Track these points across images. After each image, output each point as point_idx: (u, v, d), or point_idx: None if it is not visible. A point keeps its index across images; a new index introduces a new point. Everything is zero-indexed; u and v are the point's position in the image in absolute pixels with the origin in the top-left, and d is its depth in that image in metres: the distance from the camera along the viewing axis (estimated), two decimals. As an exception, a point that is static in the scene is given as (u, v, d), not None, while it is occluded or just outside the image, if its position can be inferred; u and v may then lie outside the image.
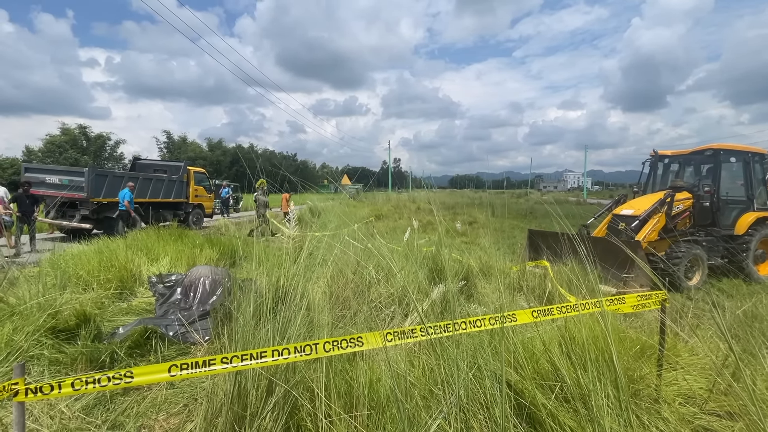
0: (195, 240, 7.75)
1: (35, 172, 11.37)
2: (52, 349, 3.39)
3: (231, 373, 2.03)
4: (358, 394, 1.78)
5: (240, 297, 4.08)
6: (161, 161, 17.88)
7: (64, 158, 41.45)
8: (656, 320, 3.44)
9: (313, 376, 2.01)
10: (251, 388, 1.95)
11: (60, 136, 45.47)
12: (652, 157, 8.22)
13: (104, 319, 4.28)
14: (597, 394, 1.86)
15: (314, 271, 4.07)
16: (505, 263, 5.65)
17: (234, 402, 1.93)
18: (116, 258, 6.05)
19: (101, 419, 2.67)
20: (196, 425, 2.36)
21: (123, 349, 3.49)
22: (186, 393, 3.04)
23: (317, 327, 2.80)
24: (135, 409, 2.86)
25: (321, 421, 1.76)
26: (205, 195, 15.61)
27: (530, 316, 2.05)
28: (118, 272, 5.70)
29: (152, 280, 5.53)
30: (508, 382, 1.89)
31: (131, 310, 4.93)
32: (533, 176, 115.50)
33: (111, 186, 11.21)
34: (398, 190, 39.22)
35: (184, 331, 3.96)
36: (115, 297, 5.24)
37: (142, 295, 5.46)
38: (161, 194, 12.99)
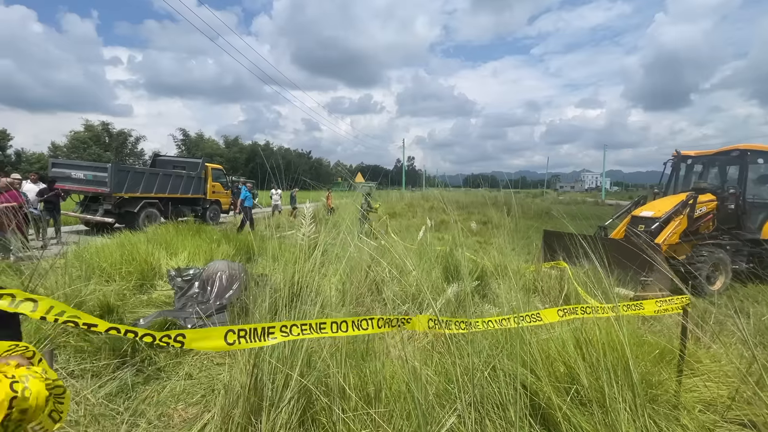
0: (212, 235, 7.91)
1: (61, 168, 11.77)
2: (77, 338, 3.52)
3: (248, 366, 2.07)
4: (374, 390, 1.80)
5: (256, 292, 4.16)
6: (180, 158, 18.29)
7: (87, 154, 42.78)
8: (676, 325, 3.35)
9: (329, 372, 2.04)
10: (267, 381, 1.99)
11: (84, 133, 46.95)
12: (674, 158, 7.99)
13: (126, 311, 4.42)
14: (613, 398, 1.83)
15: (328, 268, 4.11)
16: (520, 264, 5.59)
17: (250, 394, 1.98)
18: (137, 251, 6.22)
19: (123, 407, 2.77)
20: (213, 415, 2.42)
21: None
22: (204, 384, 3.12)
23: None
24: (155, 398, 2.95)
25: (336, 415, 1.79)
26: (222, 191, 15.88)
27: (556, 315, 2.04)
28: (139, 265, 5.86)
29: (171, 273, 5.67)
30: (522, 382, 1.88)
31: (151, 302, 5.07)
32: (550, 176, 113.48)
33: (132, 181, 11.52)
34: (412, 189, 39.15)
35: (202, 324, 4.06)
36: (136, 289, 5.40)
37: (161, 288, 5.61)
38: (180, 190, 13.28)
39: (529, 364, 2.08)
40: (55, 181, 9.84)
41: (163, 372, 3.28)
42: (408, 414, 1.74)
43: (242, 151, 64.03)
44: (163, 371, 3.28)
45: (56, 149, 44.79)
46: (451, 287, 3.99)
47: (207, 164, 15.00)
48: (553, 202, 31.60)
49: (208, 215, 14.75)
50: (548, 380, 1.99)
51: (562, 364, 2.36)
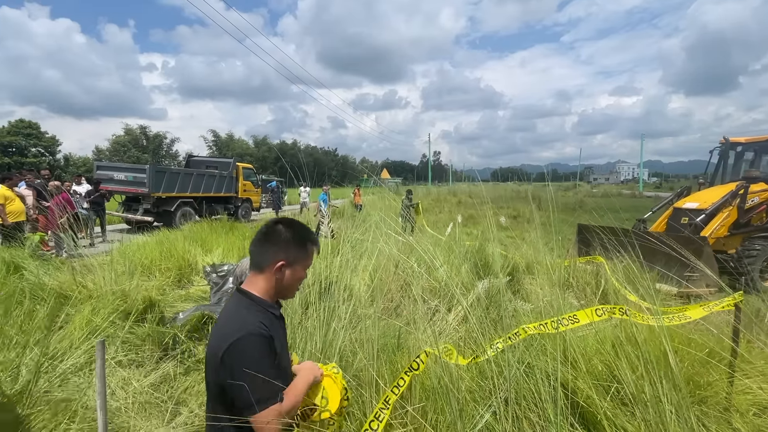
0: (244, 232, 8.16)
1: (105, 170, 12.49)
2: (124, 330, 3.74)
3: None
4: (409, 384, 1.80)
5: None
6: (213, 158, 18.95)
7: (127, 156, 45.17)
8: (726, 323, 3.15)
9: (362, 366, 2.06)
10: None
11: (124, 136, 49.58)
12: (721, 145, 7.47)
13: (166, 305, 4.64)
14: (657, 398, 1.74)
15: (357, 264, 4.14)
16: (553, 259, 5.42)
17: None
18: (175, 249, 6.52)
19: (167, 395, 2.92)
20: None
21: (183, 333, 3.77)
22: (239, 376, 3.23)
23: (362, 318, 2.86)
24: (195, 388, 3.09)
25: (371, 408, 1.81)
26: (253, 189, 16.33)
27: (594, 315, 1.96)
28: (177, 262, 6.14)
29: (207, 269, 5.90)
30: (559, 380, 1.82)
31: (189, 297, 5.30)
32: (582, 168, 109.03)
33: (169, 181, 12.06)
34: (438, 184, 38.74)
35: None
36: (175, 284, 5.66)
37: (197, 284, 5.85)
38: (213, 189, 13.77)
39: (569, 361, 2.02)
40: (101, 182, 10.45)
41: (202, 364, 3.42)
42: (441, 408, 1.73)
43: (271, 150, 65.57)
44: (201, 363, 3.42)
45: (100, 153, 47.54)
46: (482, 283, 3.92)
47: (238, 164, 15.46)
48: (586, 194, 30.41)
49: (240, 213, 15.21)
50: (586, 378, 1.92)
51: (600, 362, 2.27)
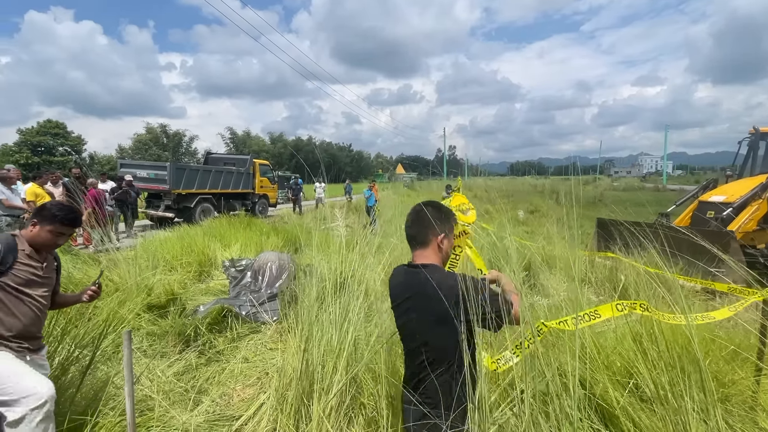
0: (262, 228, 8.30)
1: (128, 168, 12.87)
2: (149, 322, 3.87)
3: (299, 352, 2.17)
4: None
5: (304, 281, 4.32)
6: (230, 155, 19.26)
7: (149, 154, 46.38)
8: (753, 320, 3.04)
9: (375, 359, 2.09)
10: (317, 366, 2.08)
11: (145, 135, 50.89)
12: (751, 135, 7.16)
13: (187, 298, 4.78)
14: (679, 396, 1.70)
15: (371, 259, 4.16)
16: (571, 254, 5.33)
17: (302, 377, 2.07)
18: (195, 244, 6.69)
19: (189, 385, 3.02)
20: (268, 396, 2.57)
21: (204, 325, 3.89)
22: (258, 367, 3.31)
23: (376, 311, 2.88)
24: (216, 378, 3.19)
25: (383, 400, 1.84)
26: (270, 185, 16.55)
27: (614, 310, 1.93)
28: (197, 256, 6.30)
29: (225, 264, 6.04)
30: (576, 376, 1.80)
31: (209, 290, 5.45)
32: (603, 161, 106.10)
33: (188, 178, 12.34)
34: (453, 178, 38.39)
35: (255, 311, 4.30)
36: (195, 278, 5.82)
37: (217, 278, 5.99)
38: (231, 185, 14.02)
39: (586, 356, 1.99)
40: (123, 179, 10.78)
41: (222, 355, 3.52)
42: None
43: (286, 146, 66.22)
44: (222, 354, 3.53)
45: (123, 151, 48.97)
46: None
47: (254, 160, 15.68)
48: (606, 188, 29.65)
49: (257, 209, 15.45)
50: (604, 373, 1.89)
51: (618, 358, 2.23)
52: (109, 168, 35.15)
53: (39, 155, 39.97)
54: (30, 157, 37.83)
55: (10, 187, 6.59)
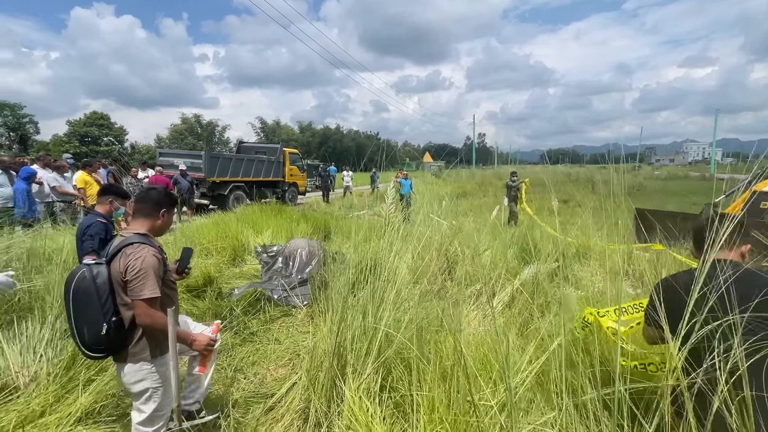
0: (292, 215, 8.50)
1: (167, 156, 13.45)
2: (188, 303, 4.09)
3: (331, 335, 2.23)
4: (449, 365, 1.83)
5: (333, 268, 4.41)
6: (261, 144, 19.70)
7: (184, 144, 48.24)
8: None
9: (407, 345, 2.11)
10: (349, 348, 2.14)
11: (181, 125, 52.91)
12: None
13: (223, 281, 5.00)
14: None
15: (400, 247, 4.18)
16: (607, 245, 5.13)
17: (334, 359, 2.14)
18: (229, 230, 6.95)
19: (225, 363, 3.18)
20: (300, 376, 2.67)
21: (239, 307, 4.06)
22: (290, 349, 3.44)
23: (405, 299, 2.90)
24: (251, 358, 3.34)
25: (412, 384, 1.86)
26: (299, 174, 16.85)
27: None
28: (231, 242, 6.55)
29: (258, 249, 6.25)
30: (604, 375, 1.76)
31: (242, 274, 5.66)
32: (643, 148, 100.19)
33: (222, 166, 12.77)
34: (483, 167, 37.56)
35: (286, 295, 4.44)
36: (230, 263, 6.06)
37: (250, 263, 6.21)
38: (262, 174, 14.38)
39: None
40: (163, 167, 11.29)
41: (256, 336, 3.67)
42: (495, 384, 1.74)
43: (315, 135, 66.92)
44: (255, 335, 3.68)
45: (160, 141, 51.20)
46: (529, 268, 3.82)
47: (284, 149, 15.97)
48: (646, 177, 28.11)
49: (287, 197, 15.80)
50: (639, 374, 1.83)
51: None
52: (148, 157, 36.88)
53: (86, 145, 42.50)
54: (78, 147, 40.29)
55: (62, 175, 7.07)
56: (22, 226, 5.31)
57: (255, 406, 2.66)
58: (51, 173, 6.87)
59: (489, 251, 4.31)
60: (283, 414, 2.38)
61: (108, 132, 45.42)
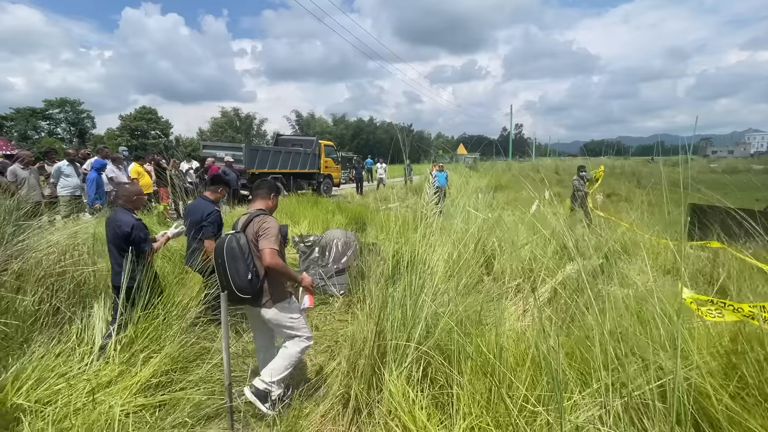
0: (327, 206, 8.67)
1: (210, 149, 14.08)
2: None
3: (371, 325, 2.28)
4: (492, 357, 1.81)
5: (368, 259, 4.46)
6: (298, 137, 20.13)
7: (224, 137, 50.14)
8: None
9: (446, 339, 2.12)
10: (389, 337, 2.17)
11: (221, 119, 55.01)
12: None
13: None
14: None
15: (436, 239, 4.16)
16: (657, 242, 4.84)
17: (374, 347, 2.18)
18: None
19: (268, 347, 3.33)
20: (339, 362, 2.74)
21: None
22: (328, 336, 3.54)
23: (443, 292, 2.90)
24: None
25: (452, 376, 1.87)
26: (334, 166, 17.09)
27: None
28: (270, 232, 6.78)
29: (295, 239, 6.43)
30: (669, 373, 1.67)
31: (281, 263, 5.86)
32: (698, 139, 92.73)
33: (261, 159, 13.20)
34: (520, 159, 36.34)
35: (323, 284, 4.55)
36: (270, 252, 6.28)
37: (288, 252, 6.42)
38: (298, 166, 14.72)
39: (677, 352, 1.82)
40: (205, 159, 11.83)
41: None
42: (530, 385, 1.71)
43: (348, 127, 67.39)
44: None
45: (202, 134, 53.53)
46: (570, 264, 3.68)
47: (320, 141, 16.23)
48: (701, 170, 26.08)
49: (322, 188, 16.09)
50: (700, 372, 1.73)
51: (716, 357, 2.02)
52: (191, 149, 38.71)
53: (136, 138, 45.26)
54: (129, 140, 42.99)
55: (118, 167, 7.59)
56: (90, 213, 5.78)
57: (295, 390, 2.77)
58: (109, 164, 7.40)
59: (528, 246, 4.19)
60: (324, 397, 2.46)
61: (155, 126, 48.12)
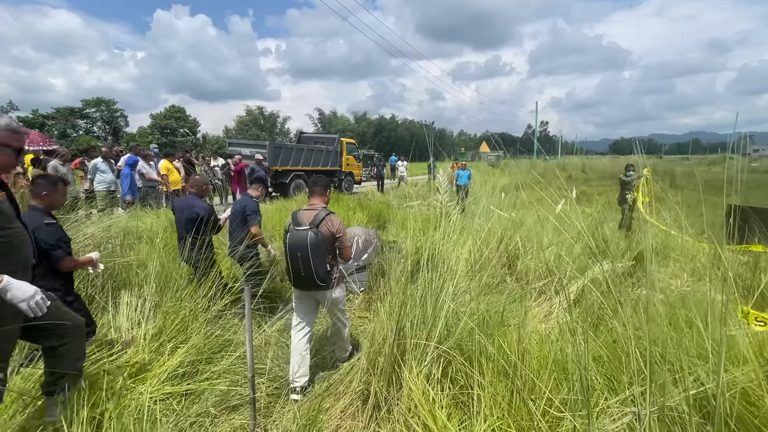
0: (348, 204, 8.72)
1: (235, 146, 14.42)
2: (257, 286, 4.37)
3: (391, 322, 2.27)
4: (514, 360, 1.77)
5: (389, 256, 4.45)
6: (320, 134, 20.34)
7: (249, 134, 51.28)
8: None
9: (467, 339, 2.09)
10: (409, 335, 2.16)
11: (246, 117, 56.25)
12: None
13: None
14: None
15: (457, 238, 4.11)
16: (691, 244, 4.62)
17: (393, 346, 2.17)
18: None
19: (288, 342, 3.38)
20: (358, 359, 2.75)
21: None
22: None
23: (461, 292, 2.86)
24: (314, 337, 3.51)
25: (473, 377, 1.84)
26: (355, 164, 17.17)
27: None
28: (293, 227, 6.89)
29: (317, 236, 6.50)
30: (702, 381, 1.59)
31: (303, 259, 5.94)
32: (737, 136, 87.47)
33: (284, 156, 13.42)
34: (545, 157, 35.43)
35: (344, 281, 4.59)
36: (292, 248, 6.37)
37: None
38: (320, 163, 14.88)
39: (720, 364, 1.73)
40: (231, 157, 12.13)
41: (316, 319, 3.85)
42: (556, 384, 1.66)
43: (369, 125, 67.53)
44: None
45: (228, 132, 54.94)
46: (598, 266, 3.56)
47: (342, 139, 16.34)
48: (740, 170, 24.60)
49: (344, 186, 16.20)
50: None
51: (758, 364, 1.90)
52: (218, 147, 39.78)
53: (166, 136, 46.91)
54: (159, 138, 44.61)
55: (149, 163, 7.88)
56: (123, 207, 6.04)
57: (316, 383, 2.80)
58: (140, 161, 7.69)
59: (553, 247, 4.08)
60: (343, 393, 2.48)
61: (183, 124, 49.71)
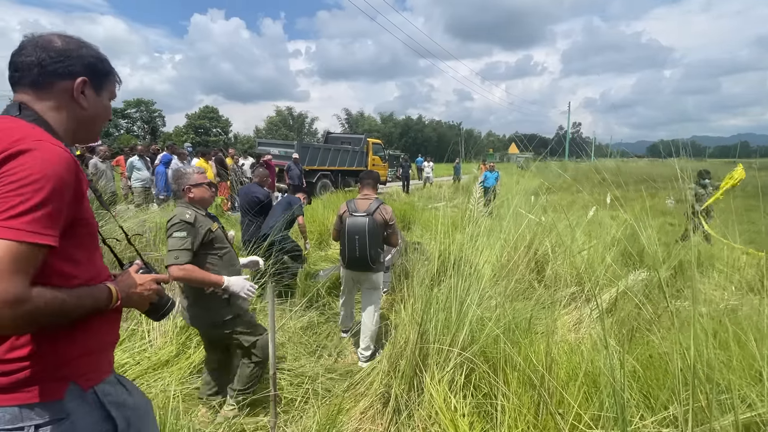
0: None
1: (265, 146, 14.78)
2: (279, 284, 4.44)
3: (414, 326, 2.24)
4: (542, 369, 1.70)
5: (413, 258, 4.41)
6: (347, 134, 20.53)
7: (278, 134, 52.50)
8: None
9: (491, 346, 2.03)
10: (432, 340, 2.12)
11: (275, 117, 57.61)
12: None
13: (310, 263, 5.34)
14: None
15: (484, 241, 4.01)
16: (739, 254, 4.32)
17: (416, 349, 2.14)
18: (317, 215, 7.40)
19: (311, 339, 3.41)
20: (379, 360, 2.73)
21: (324, 288, 4.31)
22: (370, 333, 3.53)
23: (490, 296, 2.78)
24: (330, 336, 3.53)
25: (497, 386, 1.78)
26: (381, 164, 17.20)
27: None
28: (318, 226, 6.96)
29: (341, 235, 6.55)
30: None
31: (327, 258, 6.00)
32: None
33: (312, 156, 13.62)
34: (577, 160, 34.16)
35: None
36: (317, 246, 6.45)
37: (334, 247, 6.54)
38: (347, 163, 15.01)
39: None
40: (262, 156, 12.43)
41: (338, 317, 3.86)
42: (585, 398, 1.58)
43: (396, 125, 67.56)
44: (338, 316, 3.86)
45: (258, 132, 56.49)
46: (633, 275, 3.38)
47: (368, 139, 16.42)
48: (794, 175, 22.85)
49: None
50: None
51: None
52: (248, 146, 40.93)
53: (200, 135, 48.77)
54: (193, 138, 46.41)
55: (183, 162, 8.19)
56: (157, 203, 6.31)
57: (336, 383, 2.80)
58: (174, 159, 8.01)
59: (585, 252, 3.91)
60: (364, 394, 2.46)
61: (216, 124, 51.51)
